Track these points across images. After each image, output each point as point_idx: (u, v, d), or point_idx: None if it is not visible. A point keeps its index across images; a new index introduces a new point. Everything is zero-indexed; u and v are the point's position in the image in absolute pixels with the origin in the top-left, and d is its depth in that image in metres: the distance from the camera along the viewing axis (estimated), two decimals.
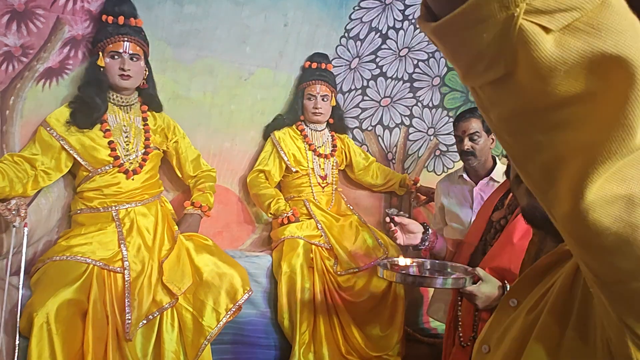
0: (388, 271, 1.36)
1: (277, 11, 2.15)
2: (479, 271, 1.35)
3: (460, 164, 2.65)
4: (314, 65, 2.26)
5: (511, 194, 1.55)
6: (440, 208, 2.28)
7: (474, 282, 1.34)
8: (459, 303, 1.51)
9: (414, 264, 1.49)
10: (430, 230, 1.57)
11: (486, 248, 1.52)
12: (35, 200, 1.80)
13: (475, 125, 2.06)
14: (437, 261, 1.54)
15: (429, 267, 1.50)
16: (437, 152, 2.73)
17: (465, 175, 2.19)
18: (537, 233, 0.99)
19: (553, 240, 0.85)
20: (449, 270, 1.46)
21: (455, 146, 2.72)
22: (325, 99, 2.25)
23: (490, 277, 1.35)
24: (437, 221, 2.35)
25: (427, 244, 1.57)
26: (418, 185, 2.54)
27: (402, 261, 1.44)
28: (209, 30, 2.04)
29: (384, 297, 2.20)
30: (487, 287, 1.33)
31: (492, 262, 1.42)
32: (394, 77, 2.57)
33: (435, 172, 2.73)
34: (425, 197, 2.54)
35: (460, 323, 1.48)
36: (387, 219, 1.54)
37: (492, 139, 2.11)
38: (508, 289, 1.32)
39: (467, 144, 2.07)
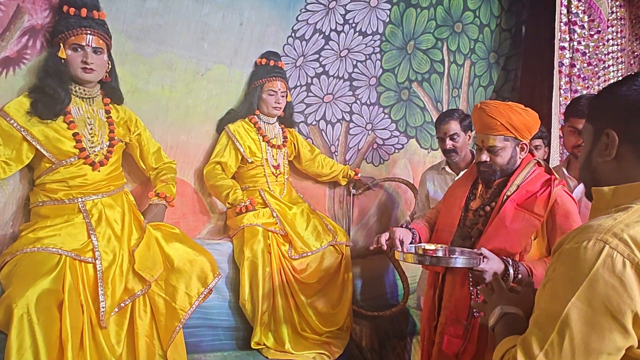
0: (406, 253, 1.57)
1: (234, 10, 2.26)
2: (484, 251, 1.56)
3: (399, 158, 2.97)
4: (272, 62, 2.39)
5: (481, 185, 1.81)
6: (426, 195, 2.56)
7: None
8: (443, 282, 1.75)
9: (440, 247, 1.71)
10: None
11: (464, 233, 1.76)
12: None
13: (454, 126, 2.40)
14: (448, 246, 1.74)
15: (442, 251, 1.72)
16: (375, 146, 3.01)
17: (447, 168, 2.52)
18: None
19: None
20: (457, 253, 1.67)
21: (390, 140, 3.03)
22: (283, 95, 2.40)
23: (493, 256, 1.56)
24: (420, 207, 2.64)
25: None
26: (359, 175, 2.79)
27: (429, 246, 1.65)
28: (170, 25, 2.09)
29: (334, 278, 2.42)
30: (494, 263, 1.55)
31: (488, 245, 1.63)
32: (335, 75, 2.78)
33: (373, 164, 3.00)
34: (365, 186, 2.81)
35: (472, 298, 1.66)
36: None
37: (469, 136, 2.46)
38: (510, 263, 1.57)
39: (449, 143, 2.39)
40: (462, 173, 2.47)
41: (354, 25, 2.75)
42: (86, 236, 1.74)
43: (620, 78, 1.00)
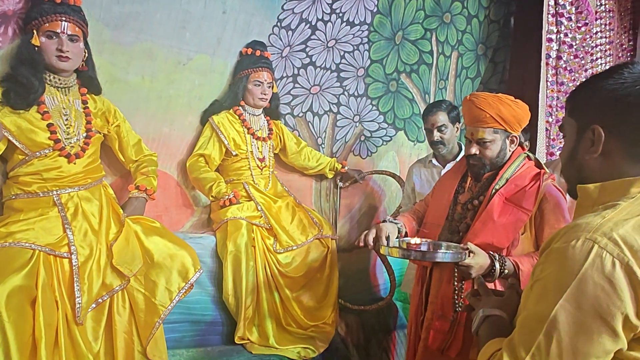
0: (391, 248, 1.54)
1: None
2: (470, 246, 1.53)
3: (387, 150, 2.94)
4: (257, 52, 2.33)
5: (470, 178, 1.79)
6: (412, 189, 2.53)
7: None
8: (430, 277, 1.72)
9: (424, 242, 1.67)
10: None
11: (452, 227, 1.73)
12: None
13: (442, 118, 2.35)
14: (433, 241, 1.71)
15: (426, 246, 1.67)
16: (362, 138, 2.97)
17: (434, 161, 2.48)
18: None
19: None
20: (443, 248, 1.63)
21: (378, 132, 2.99)
22: (269, 86, 2.35)
23: (480, 250, 1.54)
24: (406, 201, 2.61)
25: None
26: (346, 168, 2.75)
27: (414, 241, 1.61)
28: (149, 13, 2.02)
29: (319, 272, 2.39)
30: (480, 259, 1.52)
31: (475, 239, 1.60)
32: (322, 66, 2.73)
33: (360, 156, 2.96)
34: (352, 179, 2.77)
35: (456, 293, 1.64)
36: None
37: (457, 128, 2.42)
38: (496, 258, 1.54)
39: (436, 135, 2.35)
40: (448, 166, 2.44)
41: (341, 15, 2.70)
42: (61, 230, 1.69)
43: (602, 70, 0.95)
